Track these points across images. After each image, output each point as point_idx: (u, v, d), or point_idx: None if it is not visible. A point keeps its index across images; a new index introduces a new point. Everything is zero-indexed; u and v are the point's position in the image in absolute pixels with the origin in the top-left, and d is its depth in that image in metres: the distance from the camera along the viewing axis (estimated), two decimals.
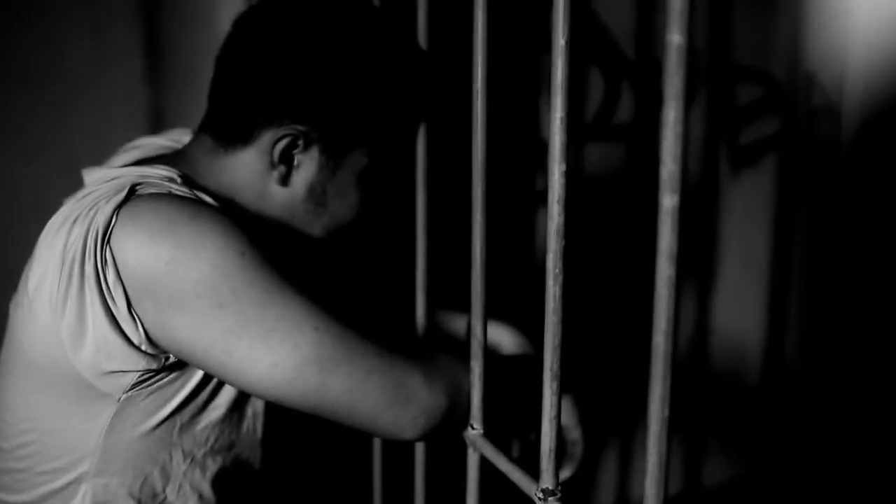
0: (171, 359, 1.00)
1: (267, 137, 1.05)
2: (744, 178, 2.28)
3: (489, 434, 1.05)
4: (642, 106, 2.06)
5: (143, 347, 0.98)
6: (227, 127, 1.07)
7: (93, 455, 1.04)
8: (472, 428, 1.06)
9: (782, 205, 2.34)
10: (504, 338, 1.35)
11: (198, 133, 1.12)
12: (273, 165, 1.06)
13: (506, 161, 1.79)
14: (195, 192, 1.03)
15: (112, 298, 0.96)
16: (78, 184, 1.13)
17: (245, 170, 1.07)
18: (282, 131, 1.04)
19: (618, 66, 2.01)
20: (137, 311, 0.97)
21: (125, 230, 0.95)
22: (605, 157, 2.05)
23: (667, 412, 0.72)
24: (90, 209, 0.99)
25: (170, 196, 0.98)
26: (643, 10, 2.01)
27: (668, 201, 0.68)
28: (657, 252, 0.69)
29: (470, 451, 1.06)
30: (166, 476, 1.08)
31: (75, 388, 1.01)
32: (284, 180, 1.07)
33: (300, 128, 1.04)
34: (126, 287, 0.96)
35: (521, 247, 1.86)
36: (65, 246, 0.98)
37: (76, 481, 1.06)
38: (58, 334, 0.98)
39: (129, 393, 1.01)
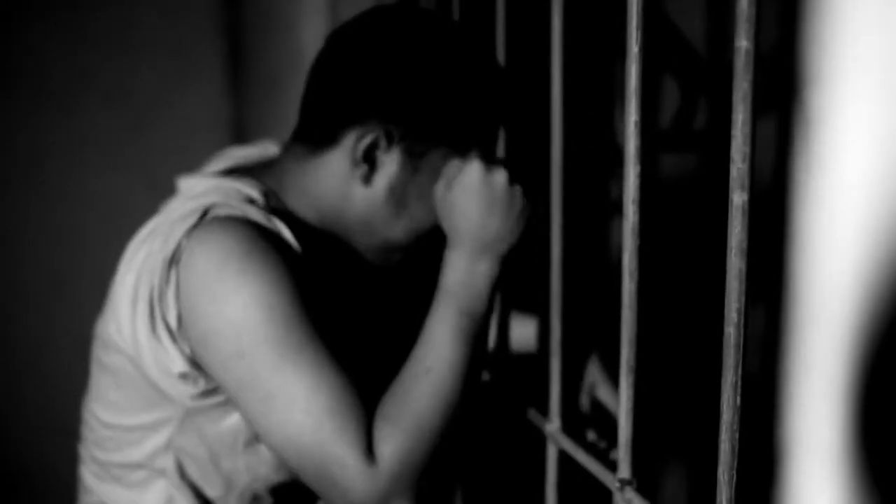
0: None
1: (351, 137, 1.08)
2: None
3: (567, 428, 1.09)
4: (717, 113, 2.07)
5: (188, 369, 1.04)
6: (315, 131, 1.11)
7: (165, 455, 1.11)
8: (551, 422, 1.09)
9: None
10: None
11: (289, 143, 1.16)
12: (356, 164, 1.08)
13: (581, 167, 1.82)
14: (271, 215, 1.07)
15: (167, 317, 1.03)
16: (163, 194, 1.19)
17: (329, 171, 1.10)
18: (365, 130, 1.07)
19: (695, 73, 2.02)
20: (185, 333, 1.03)
21: (191, 255, 1.01)
22: (680, 164, 2.06)
23: (738, 400, 0.75)
24: (170, 226, 1.06)
25: (237, 223, 1.02)
26: (716, 18, 2.02)
27: (738, 198, 0.71)
28: (728, 247, 0.72)
29: (549, 445, 1.10)
30: (229, 484, 1.13)
31: (147, 390, 1.08)
32: (367, 179, 1.09)
33: (383, 127, 1.06)
34: (180, 309, 1.02)
35: (595, 250, 1.89)
36: (145, 258, 1.07)
37: (150, 478, 1.13)
38: (134, 337, 1.06)
39: (194, 402, 1.07)
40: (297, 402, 0.98)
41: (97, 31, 1.95)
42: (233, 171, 1.18)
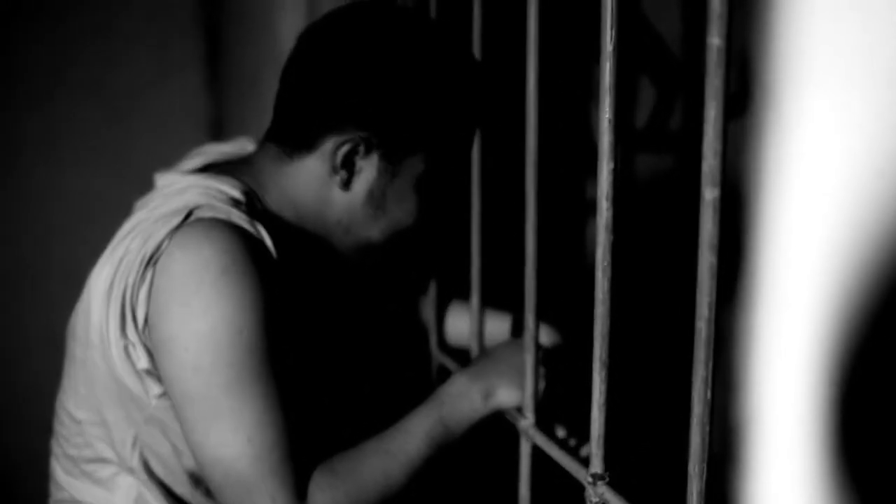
0: None
1: (329, 144, 1.08)
2: None
3: (540, 423, 1.09)
4: (691, 111, 2.09)
5: (150, 366, 1.04)
6: (291, 135, 1.11)
7: (132, 451, 1.11)
8: (525, 417, 1.10)
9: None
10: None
11: (263, 142, 1.17)
12: (335, 171, 1.09)
13: (556, 166, 1.83)
14: (254, 220, 1.06)
15: (137, 314, 1.03)
16: (139, 190, 1.19)
17: (308, 176, 1.11)
18: (343, 137, 1.07)
19: (670, 73, 2.03)
20: (149, 333, 1.03)
21: (170, 257, 1.00)
22: (656, 162, 2.07)
23: (709, 395, 0.76)
24: (152, 224, 1.05)
25: (220, 228, 1.02)
26: (692, 17, 2.04)
27: (710, 194, 0.72)
28: (699, 242, 0.73)
29: (522, 440, 1.11)
30: (195, 481, 1.12)
31: (114, 386, 1.08)
32: (346, 185, 1.10)
33: (361, 134, 1.07)
34: (148, 309, 1.02)
35: (569, 248, 1.90)
36: (123, 254, 1.06)
37: (119, 475, 1.12)
38: (104, 333, 1.06)
39: (159, 400, 1.07)
40: (241, 429, 0.99)
41: (75, 25, 1.94)
42: (210, 168, 1.17)
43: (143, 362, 1.04)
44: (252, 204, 1.10)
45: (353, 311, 1.39)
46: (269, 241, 1.06)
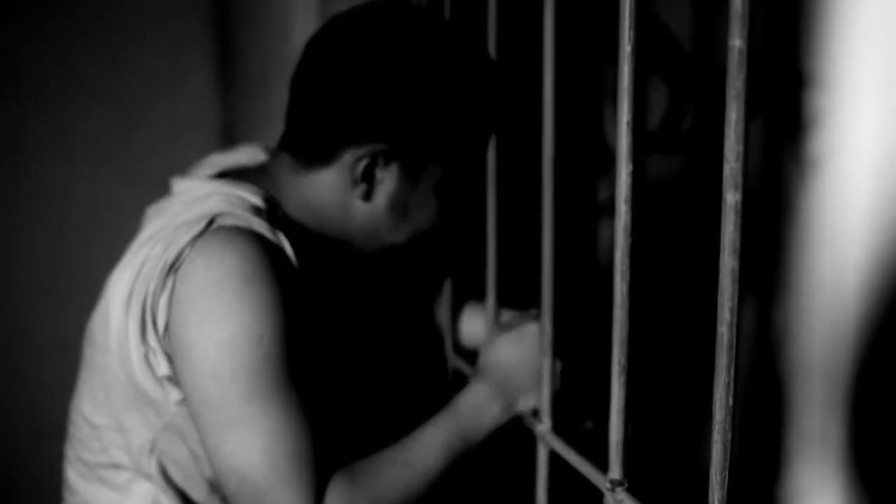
0: None
1: (348, 157, 1.08)
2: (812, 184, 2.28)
3: (557, 428, 1.09)
4: (705, 113, 2.08)
5: (171, 372, 1.04)
6: (307, 148, 1.11)
7: (149, 457, 1.10)
8: (542, 422, 1.09)
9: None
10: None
11: (277, 151, 1.16)
12: (355, 183, 1.09)
13: (572, 167, 1.82)
14: (275, 228, 1.06)
15: (157, 321, 1.02)
16: (151, 194, 1.18)
17: (329, 188, 1.10)
18: (362, 150, 1.07)
19: (684, 73, 2.02)
20: (169, 340, 1.02)
21: (192, 265, 1.00)
22: (669, 164, 2.06)
23: (731, 401, 0.75)
24: (173, 231, 1.05)
25: (242, 237, 1.01)
26: (704, 16, 2.03)
27: (731, 197, 0.71)
28: (721, 246, 0.72)
29: (539, 445, 1.10)
30: (213, 488, 1.12)
31: (133, 391, 1.08)
32: (367, 196, 1.10)
33: (380, 146, 1.06)
34: (169, 315, 1.01)
35: (586, 250, 1.89)
36: (144, 260, 1.06)
37: (135, 480, 1.12)
38: (123, 338, 1.06)
39: (178, 408, 1.06)
40: (258, 437, 0.98)
41: (86, 29, 1.94)
42: (226, 175, 1.17)
43: (163, 369, 1.04)
44: (273, 211, 1.10)
45: (370, 316, 1.38)
46: (289, 250, 1.06)
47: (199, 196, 1.10)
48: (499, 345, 1.18)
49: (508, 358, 1.16)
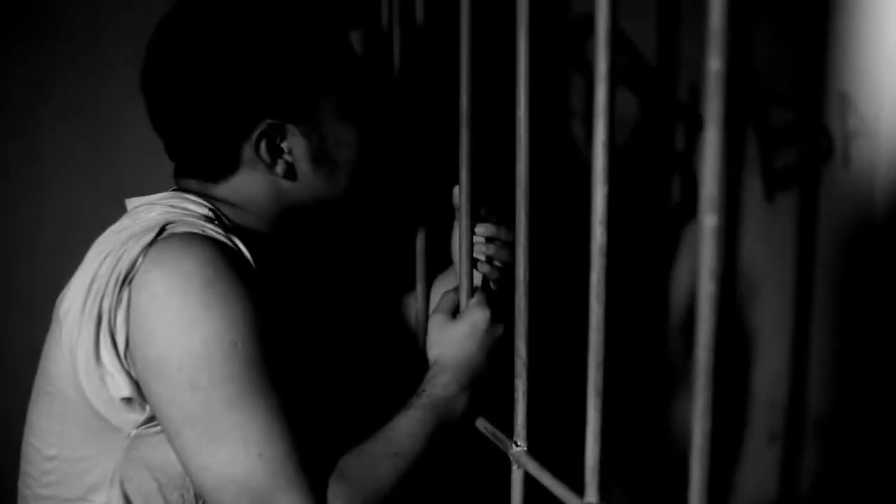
0: None
1: (247, 152, 1.08)
2: (777, 202, 2.29)
3: (532, 450, 1.08)
4: (670, 130, 2.09)
5: (133, 393, 1.00)
6: (207, 168, 1.11)
7: (110, 487, 1.05)
8: (517, 445, 1.08)
9: (815, 229, 2.35)
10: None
11: (179, 179, 1.15)
12: (271, 167, 1.09)
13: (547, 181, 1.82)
14: (229, 233, 1.05)
15: (115, 340, 0.99)
16: (119, 212, 1.16)
17: (251, 186, 1.11)
18: (254, 138, 1.07)
19: (651, 91, 2.03)
20: (131, 357, 0.99)
21: (147, 275, 0.97)
22: (636, 179, 2.07)
23: (709, 425, 0.74)
24: (122, 245, 1.01)
25: (198, 241, 0.99)
26: (667, 31, 2.04)
27: (709, 221, 0.71)
28: (699, 270, 0.72)
29: (514, 467, 1.09)
30: None
31: (90, 418, 1.03)
32: (288, 172, 1.10)
33: (265, 123, 1.06)
34: (129, 330, 0.98)
35: (561, 270, 1.89)
36: (92, 279, 1.02)
37: None
38: (75, 363, 1.01)
39: (139, 430, 1.03)
40: (251, 445, 0.95)
41: (58, 43, 1.92)
42: (180, 189, 1.15)
43: (123, 391, 1.00)
44: (220, 220, 1.08)
45: (337, 314, 1.37)
46: (246, 253, 1.04)
47: (146, 208, 1.08)
48: (451, 335, 1.19)
49: (467, 347, 1.18)
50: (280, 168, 1.09)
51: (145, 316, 0.96)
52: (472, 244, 1.21)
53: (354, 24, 1.19)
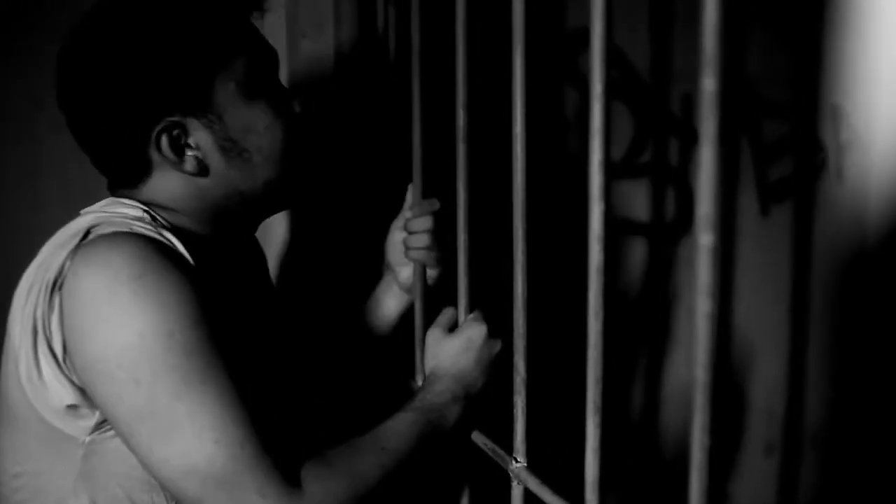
0: None
1: (154, 155, 1.07)
2: (772, 215, 2.30)
3: (532, 466, 1.08)
4: (663, 144, 2.09)
5: (78, 400, 0.99)
6: (121, 175, 1.11)
7: (76, 499, 1.04)
8: (516, 461, 1.08)
9: (810, 242, 2.35)
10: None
11: (109, 189, 1.15)
12: (181, 168, 1.08)
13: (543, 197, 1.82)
14: (160, 229, 1.04)
15: (52, 348, 0.98)
16: (43, 234, 1.13)
17: (169, 187, 1.10)
18: (153, 140, 1.06)
19: (644, 104, 2.04)
20: (71, 362, 0.98)
21: (75, 277, 0.96)
22: (631, 193, 2.08)
23: (708, 441, 0.75)
24: (53, 252, 1.01)
25: (124, 238, 0.98)
26: (659, 44, 2.04)
27: (706, 239, 0.71)
28: (696, 289, 0.72)
29: (514, 483, 1.09)
30: None
31: (43, 430, 1.02)
32: (201, 168, 1.09)
33: (161, 123, 1.05)
34: (65, 336, 0.97)
35: (559, 286, 1.89)
36: (28, 290, 1.01)
37: None
38: (20, 375, 1.00)
39: (93, 436, 1.01)
40: (205, 431, 0.94)
41: (52, 58, 1.92)
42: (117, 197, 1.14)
43: (67, 398, 0.99)
44: (155, 220, 1.07)
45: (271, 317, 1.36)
46: (180, 247, 1.03)
47: (79, 217, 1.08)
48: (448, 350, 1.20)
49: (463, 362, 1.19)
50: (189, 165, 1.08)
51: (78, 318, 0.95)
52: (469, 260, 1.21)
53: (256, 4, 1.14)
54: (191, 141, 1.07)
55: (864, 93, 2.35)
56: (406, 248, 1.31)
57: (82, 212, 1.11)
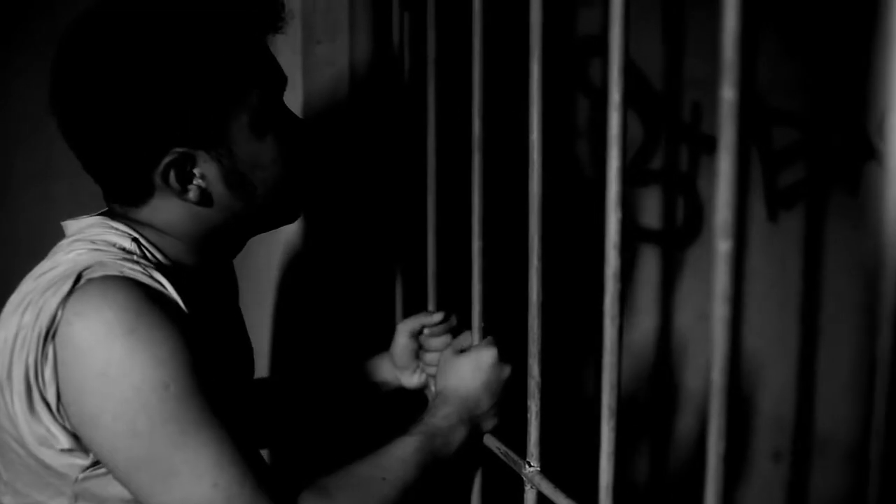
0: None
1: (157, 180, 1.04)
2: (780, 222, 2.31)
3: (546, 470, 1.09)
4: (673, 150, 2.10)
5: (72, 445, 0.99)
6: (121, 192, 1.08)
7: None
8: (529, 465, 1.09)
9: (819, 249, 2.36)
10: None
11: (105, 200, 1.13)
12: (183, 195, 1.06)
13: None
14: (149, 267, 1.03)
15: (45, 394, 0.97)
16: (54, 238, 1.14)
17: (168, 212, 1.08)
18: (161, 168, 1.03)
19: (654, 111, 2.05)
20: (65, 411, 0.98)
21: (69, 328, 0.95)
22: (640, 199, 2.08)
23: (723, 447, 0.76)
24: (41, 295, 0.99)
25: (116, 287, 0.97)
26: (671, 52, 2.05)
27: (723, 246, 0.72)
28: (713, 294, 0.73)
29: (527, 487, 1.10)
30: None
31: (35, 466, 1.02)
32: (204, 199, 1.07)
33: (172, 153, 1.03)
34: (59, 386, 0.97)
35: (573, 290, 1.90)
36: (16, 331, 1.00)
37: None
38: (10, 416, 1.00)
39: (85, 473, 1.02)
40: (204, 476, 0.96)
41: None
42: (106, 213, 1.13)
43: (63, 443, 0.99)
44: (143, 250, 1.06)
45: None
46: (170, 289, 1.02)
47: (64, 246, 1.06)
48: (458, 370, 1.21)
49: (471, 383, 1.20)
50: (193, 195, 1.06)
51: (73, 371, 0.96)
52: (483, 278, 1.23)
53: (273, 26, 1.10)
54: (196, 171, 1.05)
55: (881, 99, 2.35)
56: (423, 362, 1.38)
57: (68, 229, 1.10)
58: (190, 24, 1.02)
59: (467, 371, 1.21)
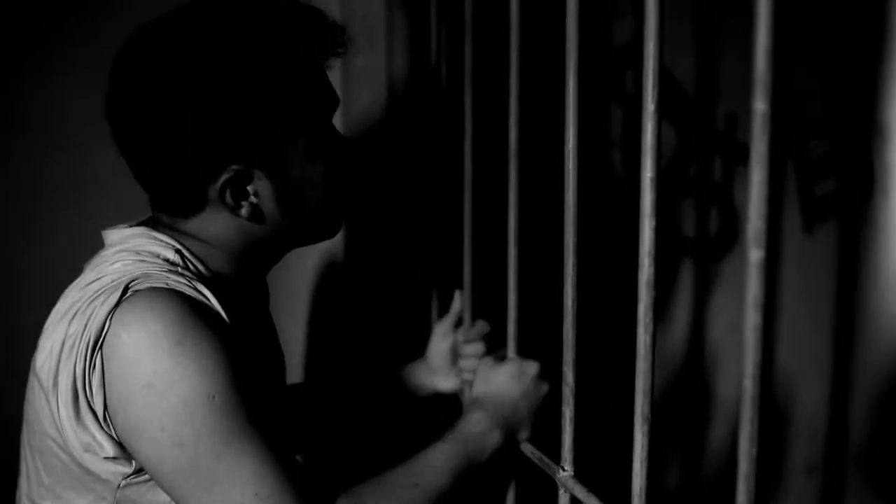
0: None
1: (213, 194, 1.06)
2: (816, 233, 2.30)
3: (579, 475, 1.10)
4: (708, 157, 2.10)
5: (117, 453, 1.01)
6: (173, 203, 1.09)
7: None
8: (563, 470, 1.11)
9: (854, 261, 2.35)
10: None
11: (153, 210, 1.14)
12: (236, 210, 1.07)
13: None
14: (193, 279, 1.04)
15: (93, 403, 0.99)
16: (92, 246, 1.16)
17: (218, 225, 1.09)
18: (220, 183, 1.05)
19: (688, 119, 2.05)
20: (111, 420, 0.99)
21: (117, 339, 0.97)
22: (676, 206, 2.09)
23: (755, 452, 0.77)
24: (89, 304, 1.01)
25: (164, 299, 0.99)
26: (705, 61, 2.06)
27: (755, 255, 0.74)
28: (745, 302, 0.75)
29: (561, 492, 1.11)
30: None
31: (78, 472, 1.04)
32: (253, 215, 1.09)
33: (232, 169, 1.04)
34: (106, 395, 0.98)
35: (606, 298, 1.91)
36: (63, 340, 1.02)
37: None
38: (54, 419, 1.02)
39: (127, 480, 1.04)
40: (246, 487, 0.97)
41: (102, 75, 1.96)
42: (149, 222, 1.14)
43: (107, 451, 1.01)
44: (186, 262, 1.08)
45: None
46: (213, 300, 1.04)
47: (109, 256, 1.08)
48: (498, 376, 1.24)
49: (510, 390, 1.24)
50: (245, 211, 1.08)
51: (120, 382, 0.97)
52: (519, 283, 1.26)
53: (335, 51, 1.12)
54: (251, 188, 1.07)
55: None
56: (458, 367, 1.42)
57: (108, 238, 1.12)
58: (260, 46, 1.04)
59: (507, 378, 1.24)
